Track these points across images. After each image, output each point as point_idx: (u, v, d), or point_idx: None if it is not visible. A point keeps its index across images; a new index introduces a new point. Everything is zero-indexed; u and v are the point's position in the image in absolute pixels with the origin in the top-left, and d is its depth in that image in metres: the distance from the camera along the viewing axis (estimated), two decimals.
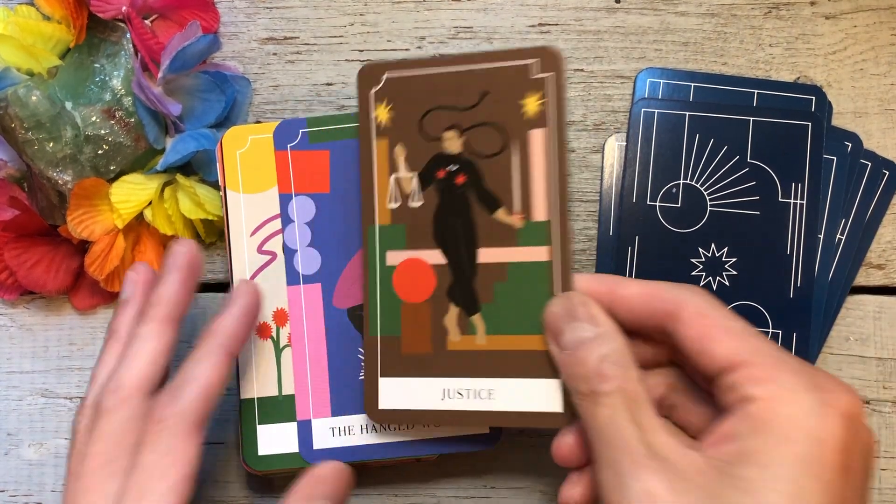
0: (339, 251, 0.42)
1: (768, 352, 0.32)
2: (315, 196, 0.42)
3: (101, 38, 0.44)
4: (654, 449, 0.31)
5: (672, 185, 0.43)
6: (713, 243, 0.43)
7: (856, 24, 0.46)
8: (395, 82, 0.39)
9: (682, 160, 0.43)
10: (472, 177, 0.38)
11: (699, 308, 0.34)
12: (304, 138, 0.42)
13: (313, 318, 0.42)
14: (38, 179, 0.43)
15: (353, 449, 0.41)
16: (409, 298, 0.39)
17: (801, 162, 0.43)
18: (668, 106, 0.43)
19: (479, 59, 0.38)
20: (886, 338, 0.45)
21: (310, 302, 0.42)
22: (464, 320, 0.38)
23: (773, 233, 0.43)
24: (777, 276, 0.43)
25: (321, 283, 0.42)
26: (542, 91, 0.37)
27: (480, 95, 0.38)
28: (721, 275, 0.43)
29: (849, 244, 0.44)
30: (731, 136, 0.43)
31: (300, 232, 0.42)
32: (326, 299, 0.42)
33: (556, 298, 0.36)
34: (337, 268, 0.42)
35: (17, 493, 0.46)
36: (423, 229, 0.38)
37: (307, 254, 0.42)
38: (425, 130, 0.38)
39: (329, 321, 0.42)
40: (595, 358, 0.33)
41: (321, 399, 0.41)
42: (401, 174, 0.39)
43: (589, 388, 0.33)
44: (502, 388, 0.37)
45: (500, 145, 0.38)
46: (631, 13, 0.46)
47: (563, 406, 0.36)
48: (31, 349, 0.46)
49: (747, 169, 0.43)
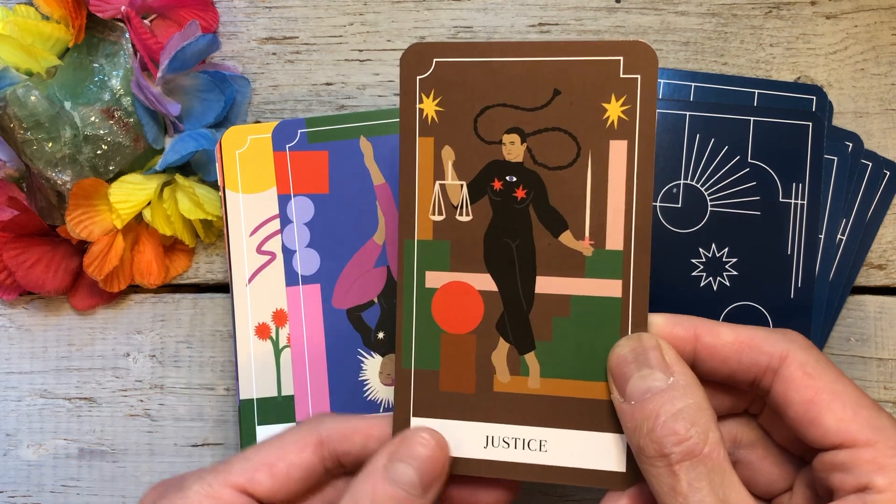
0: (338, 252, 0.42)
1: (890, 431, 0.28)
2: (314, 196, 0.42)
3: (100, 37, 0.44)
4: None
5: (672, 185, 0.43)
6: (714, 243, 0.43)
7: (856, 23, 0.45)
8: (447, 69, 0.33)
9: (683, 160, 0.43)
10: (534, 191, 0.33)
11: (805, 365, 0.30)
12: (302, 138, 0.42)
13: (312, 319, 0.42)
14: (36, 179, 0.43)
15: None
16: (450, 328, 0.34)
17: (801, 162, 0.43)
18: (668, 106, 0.43)
19: (555, 49, 0.32)
20: (887, 338, 0.45)
21: (309, 302, 0.42)
22: (514, 358, 0.33)
23: (774, 233, 0.43)
24: (778, 276, 0.42)
25: (320, 283, 0.42)
26: (630, 94, 0.31)
27: (552, 94, 0.32)
28: (721, 275, 0.43)
29: (849, 244, 0.44)
30: (732, 135, 0.43)
31: (299, 232, 0.42)
32: (326, 300, 0.42)
33: (625, 339, 0.31)
34: (336, 268, 0.42)
35: (15, 494, 0.46)
36: (471, 248, 0.33)
37: (306, 254, 0.42)
38: (480, 131, 0.33)
39: (328, 322, 0.42)
40: (667, 413, 0.29)
41: (321, 400, 0.41)
42: (448, 181, 0.33)
43: (658, 451, 0.28)
44: (556, 439, 0.33)
45: (571, 156, 0.32)
46: (631, 13, 0.46)
47: (626, 466, 0.32)
48: (29, 349, 0.46)
49: (748, 169, 0.43)
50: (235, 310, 0.42)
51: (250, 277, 0.42)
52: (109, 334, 0.46)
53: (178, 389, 0.46)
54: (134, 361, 0.46)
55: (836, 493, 0.28)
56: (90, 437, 0.46)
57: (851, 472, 0.28)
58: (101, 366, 0.46)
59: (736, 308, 0.42)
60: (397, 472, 0.31)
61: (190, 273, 0.46)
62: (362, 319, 0.42)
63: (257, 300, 0.42)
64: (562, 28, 0.46)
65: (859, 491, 0.28)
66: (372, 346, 0.42)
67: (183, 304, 0.46)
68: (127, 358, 0.46)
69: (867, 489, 0.28)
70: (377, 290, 0.42)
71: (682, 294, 0.42)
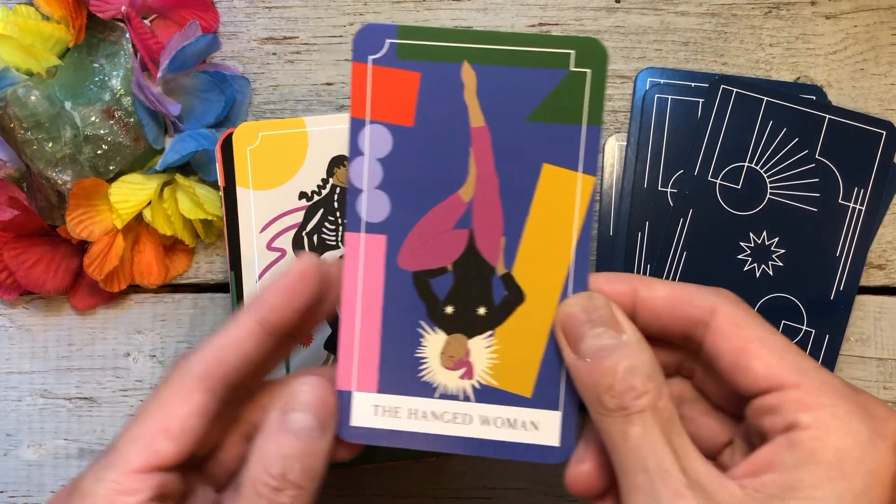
0: (414, 201, 0.35)
1: (814, 373, 0.29)
2: (394, 127, 0.35)
3: (100, 37, 0.44)
4: (692, 477, 0.29)
5: (736, 166, 0.42)
6: (765, 231, 0.42)
7: (856, 23, 0.45)
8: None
9: (752, 143, 0.42)
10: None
11: (734, 317, 0.31)
12: (391, 51, 0.34)
13: (371, 277, 0.35)
14: (37, 179, 0.43)
15: (398, 435, 0.35)
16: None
17: (868, 168, 0.42)
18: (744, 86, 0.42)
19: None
20: (887, 338, 0.45)
21: (370, 255, 0.35)
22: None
23: (828, 232, 0.42)
24: (822, 275, 0.42)
25: (387, 234, 0.35)
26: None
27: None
28: (767, 263, 0.42)
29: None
30: (804, 129, 0.42)
31: (370, 169, 0.35)
32: (390, 256, 0.35)
33: (574, 298, 0.33)
34: (408, 221, 0.35)
35: (16, 494, 0.46)
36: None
37: (375, 197, 0.35)
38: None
39: (389, 283, 0.35)
40: (623, 369, 0.30)
41: (368, 371, 0.35)
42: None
43: (617, 404, 0.30)
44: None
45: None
46: (631, 13, 0.46)
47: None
48: (30, 349, 0.46)
49: (813, 165, 0.42)
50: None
51: (260, 274, 0.42)
52: (110, 334, 0.46)
53: None
54: (134, 361, 0.46)
55: (767, 435, 0.29)
56: (90, 437, 0.46)
57: (779, 413, 0.29)
58: (101, 366, 0.46)
59: (773, 299, 0.42)
60: (294, 421, 0.32)
61: (190, 273, 0.46)
62: (430, 287, 0.36)
63: None
64: (562, 28, 0.46)
65: (787, 430, 0.29)
66: (436, 320, 0.36)
67: (183, 304, 0.46)
68: (127, 358, 0.46)
69: (794, 427, 0.29)
70: (453, 256, 0.35)
71: (723, 275, 0.42)
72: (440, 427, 0.35)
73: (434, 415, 0.35)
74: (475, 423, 0.35)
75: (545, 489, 0.45)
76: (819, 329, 0.42)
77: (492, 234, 0.35)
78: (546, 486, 0.45)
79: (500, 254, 0.35)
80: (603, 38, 0.46)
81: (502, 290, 0.35)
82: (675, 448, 0.29)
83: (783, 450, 0.29)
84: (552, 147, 0.34)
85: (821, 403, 0.29)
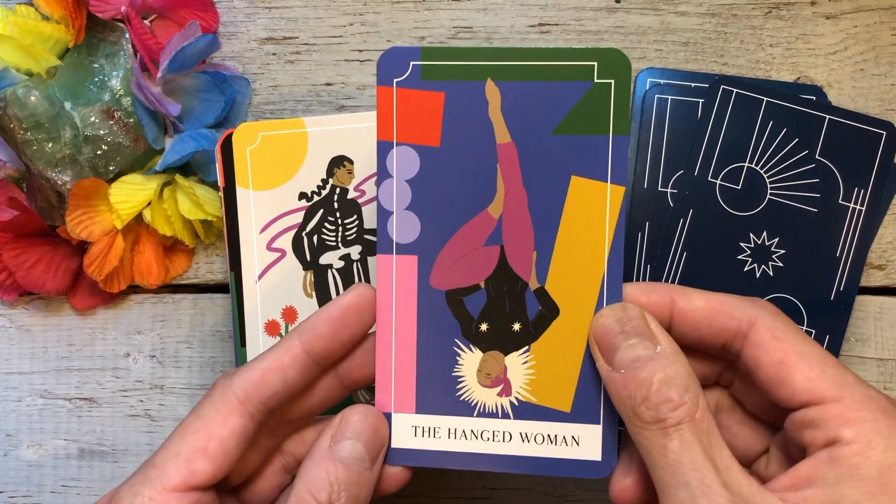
0: (444, 220, 0.35)
1: (855, 387, 0.29)
2: (420, 148, 0.35)
3: (100, 38, 0.44)
4: (734, 491, 0.28)
5: (736, 167, 0.42)
6: (765, 231, 0.42)
7: (856, 24, 0.45)
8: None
9: (752, 143, 0.42)
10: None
11: (774, 329, 0.31)
12: (414, 73, 0.34)
13: (405, 298, 0.35)
14: (37, 180, 0.43)
15: (438, 455, 0.35)
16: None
17: (868, 168, 0.42)
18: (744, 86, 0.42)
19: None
20: (887, 338, 0.45)
21: (402, 277, 0.35)
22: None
23: (828, 233, 0.42)
24: (822, 275, 0.42)
25: (418, 255, 0.35)
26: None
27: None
28: (767, 264, 0.42)
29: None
30: (804, 129, 0.42)
31: (398, 190, 0.35)
32: (422, 276, 0.35)
33: (608, 309, 0.32)
34: (439, 240, 0.35)
35: (15, 494, 0.46)
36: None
37: (404, 218, 0.35)
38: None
39: (423, 303, 0.35)
40: (658, 380, 0.30)
41: (405, 392, 0.35)
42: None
43: (654, 416, 0.29)
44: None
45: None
46: (631, 13, 0.46)
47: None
48: (29, 350, 0.46)
49: (813, 165, 0.42)
50: (245, 307, 0.42)
51: (260, 274, 0.42)
52: (109, 334, 0.46)
53: (178, 390, 0.46)
54: (134, 362, 0.46)
55: (807, 449, 0.29)
56: (90, 438, 0.46)
57: (820, 427, 0.29)
58: (101, 366, 0.46)
59: (773, 299, 0.42)
60: (344, 449, 0.32)
61: (190, 273, 0.46)
62: (463, 305, 0.36)
63: (267, 297, 0.42)
64: (562, 28, 0.46)
65: (828, 445, 0.29)
66: (471, 339, 0.36)
67: (183, 305, 0.46)
68: (127, 358, 0.46)
69: (836, 442, 0.28)
70: (485, 273, 0.35)
71: (723, 275, 0.42)
72: (480, 446, 0.35)
73: (474, 433, 0.35)
74: (515, 441, 0.35)
75: (545, 489, 0.45)
76: (819, 329, 0.42)
77: (523, 249, 0.35)
78: (546, 486, 0.45)
79: (532, 268, 0.35)
80: (603, 38, 0.46)
81: (536, 305, 0.35)
82: (716, 461, 0.29)
83: (825, 465, 0.28)
84: (580, 159, 0.34)
85: (862, 418, 0.28)
